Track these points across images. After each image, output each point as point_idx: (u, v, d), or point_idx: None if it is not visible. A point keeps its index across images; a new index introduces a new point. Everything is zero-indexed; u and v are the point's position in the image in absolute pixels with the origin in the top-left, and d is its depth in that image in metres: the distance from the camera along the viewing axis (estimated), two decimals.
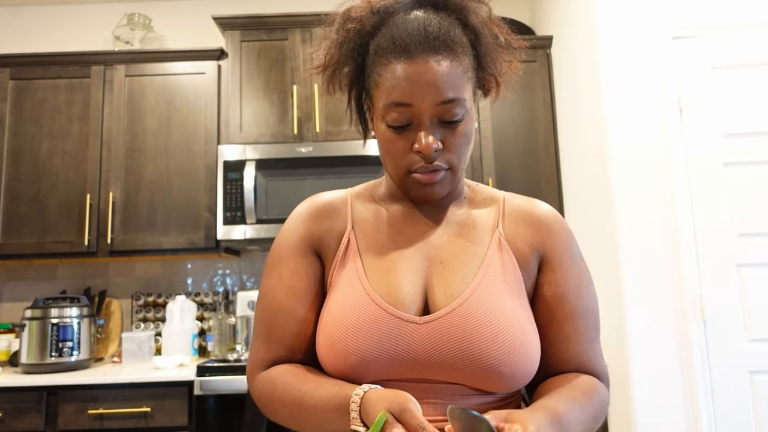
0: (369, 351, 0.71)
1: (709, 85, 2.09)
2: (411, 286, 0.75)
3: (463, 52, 0.74)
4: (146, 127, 2.60)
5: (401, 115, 0.73)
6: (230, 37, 2.65)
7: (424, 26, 0.72)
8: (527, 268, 0.79)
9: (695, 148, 2.06)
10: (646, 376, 1.96)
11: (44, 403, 2.13)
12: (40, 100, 2.61)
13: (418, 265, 0.77)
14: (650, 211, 2.03)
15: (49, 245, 2.51)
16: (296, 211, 0.85)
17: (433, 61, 0.71)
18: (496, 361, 0.70)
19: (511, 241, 0.80)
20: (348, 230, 0.81)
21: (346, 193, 0.86)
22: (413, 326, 0.72)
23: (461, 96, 0.73)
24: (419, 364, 0.71)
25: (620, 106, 2.09)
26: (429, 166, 0.74)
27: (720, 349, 1.96)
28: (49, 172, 2.56)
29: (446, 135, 0.74)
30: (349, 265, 0.78)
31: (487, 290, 0.74)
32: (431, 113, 0.72)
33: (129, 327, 2.80)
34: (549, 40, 2.68)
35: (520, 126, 2.62)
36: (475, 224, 0.81)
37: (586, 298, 0.80)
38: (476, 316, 0.71)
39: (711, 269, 2.00)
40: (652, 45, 2.11)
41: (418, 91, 0.71)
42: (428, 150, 0.72)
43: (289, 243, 0.82)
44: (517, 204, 0.84)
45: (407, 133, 0.74)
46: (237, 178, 2.46)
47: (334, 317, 0.74)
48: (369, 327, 0.72)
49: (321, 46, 0.81)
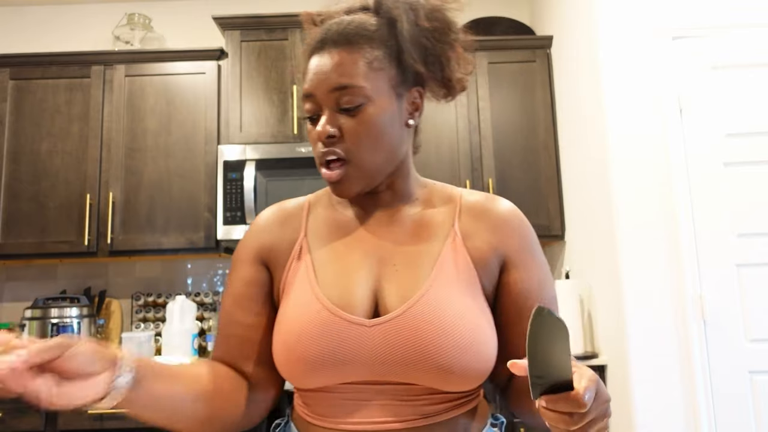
0: (318, 355, 0.71)
1: (709, 85, 2.09)
2: (362, 288, 0.76)
3: (372, 46, 0.76)
4: (146, 127, 2.60)
5: (310, 107, 0.77)
6: (230, 37, 2.65)
7: (336, 23, 0.78)
8: (486, 267, 0.79)
9: (695, 148, 2.06)
10: (646, 376, 1.96)
11: None
12: (40, 100, 2.61)
13: (369, 268, 0.78)
14: (650, 211, 2.03)
15: (49, 245, 2.51)
16: (254, 221, 0.88)
17: (335, 53, 0.76)
18: (447, 361, 0.69)
19: (469, 239, 0.79)
20: (300, 237, 0.82)
21: (305, 200, 0.88)
22: (362, 329, 0.72)
23: (356, 83, 0.74)
24: (369, 366, 0.71)
25: (620, 106, 2.09)
26: (325, 151, 0.76)
27: (720, 349, 1.96)
28: (49, 172, 2.56)
29: (346, 123, 0.75)
30: (300, 271, 0.79)
31: (439, 291, 0.73)
32: (328, 101, 0.75)
33: (129, 327, 2.80)
34: (549, 40, 2.68)
35: (520, 126, 2.62)
36: (430, 224, 0.81)
37: (548, 290, 0.82)
38: (426, 316, 0.71)
39: (711, 269, 2.00)
40: (652, 45, 2.11)
41: (316, 79, 0.76)
42: (318, 134, 0.75)
43: (241, 252, 0.85)
44: (475, 201, 0.83)
45: (317, 124, 0.77)
46: (237, 178, 2.46)
47: (286, 323, 0.75)
48: (318, 331, 0.72)
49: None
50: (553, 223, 2.55)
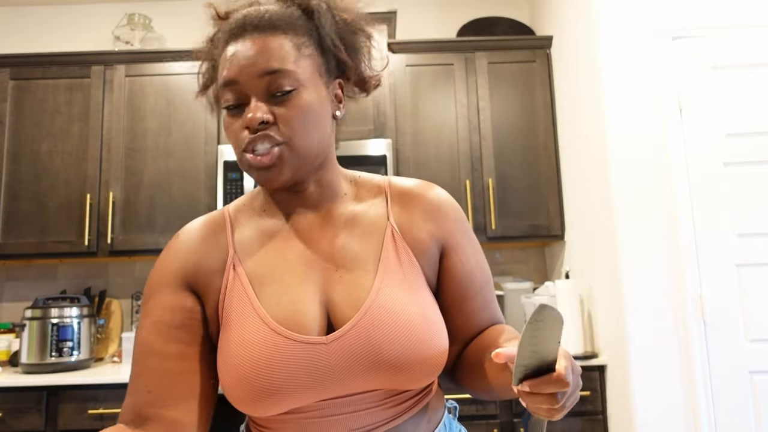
0: (281, 383, 0.67)
1: (709, 85, 2.09)
2: (310, 303, 0.72)
3: (296, 32, 0.73)
4: (146, 127, 2.60)
5: (232, 95, 0.71)
6: None
7: (254, 10, 0.74)
8: (427, 256, 0.78)
9: (695, 148, 2.06)
10: (646, 376, 1.96)
11: (44, 403, 2.13)
12: (40, 100, 2.61)
13: (313, 279, 0.74)
14: (650, 211, 2.03)
15: (49, 245, 2.51)
16: (169, 244, 0.79)
17: (256, 38, 0.71)
18: (408, 361, 0.69)
19: (406, 230, 0.78)
20: (230, 256, 0.75)
21: (223, 214, 0.80)
22: (320, 347, 0.69)
23: (286, 67, 0.70)
24: (334, 382, 0.69)
25: (620, 106, 2.09)
26: (256, 137, 0.69)
27: (720, 349, 1.96)
28: (49, 172, 2.56)
29: (278, 109, 0.71)
30: (238, 295, 0.73)
31: (388, 292, 0.72)
32: (256, 87, 0.70)
33: (129, 327, 2.80)
34: (549, 40, 2.68)
35: (520, 126, 2.62)
36: (364, 220, 0.78)
37: (485, 268, 0.84)
38: (382, 322, 0.70)
39: (711, 269, 2.00)
40: (652, 45, 2.11)
41: (241, 65, 0.70)
42: (251, 121, 0.69)
43: (159, 278, 0.75)
44: (404, 189, 0.81)
45: (241, 113, 0.72)
46: (237, 178, 2.46)
47: (235, 353, 0.69)
48: (275, 359, 0.68)
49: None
50: (553, 223, 2.55)
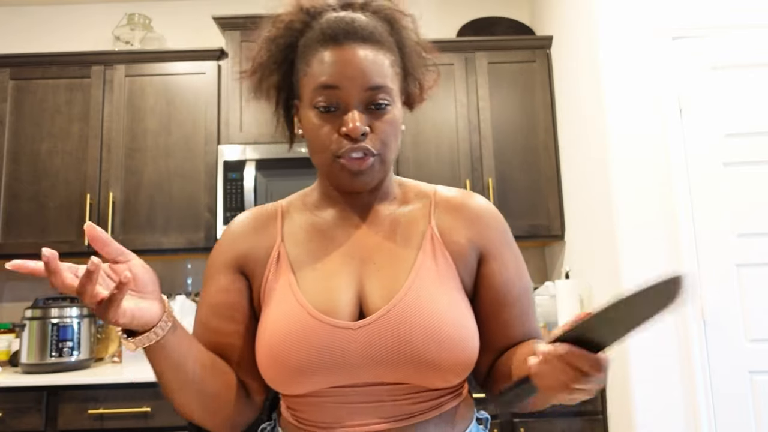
0: (307, 362, 0.71)
1: (709, 85, 2.09)
2: (345, 291, 0.76)
3: (390, 49, 0.77)
4: (146, 127, 2.60)
5: (329, 98, 0.74)
6: (230, 37, 2.65)
7: (352, 19, 0.75)
8: (464, 261, 0.80)
9: (695, 148, 2.06)
10: (645, 376, 1.95)
11: (44, 403, 2.13)
12: (40, 100, 2.61)
13: (351, 270, 0.78)
14: (650, 211, 2.03)
15: (49, 245, 2.50)
16: (226, 229, 0.86)
17: (361, 49, 0.73)
18: (433, 358, 0.70)
19: (446, 234, 0.81)
20: (277, 243, 0.81)
21: (278, 206, 0.87)
22: (348, 332, 0.72)
23: (388, 84, 0.74)
24: (358, 369, 0.71)
25: (620, 106, 2.09)
26: (356, 147, 0.73)
27: (720, 349, 1.96)
28: (49, 172, 2.56)
29: (373, 121, 0.75)
30: (281, 278, 0.78)
31: (420, 288, 0.74)
32: (358, 98, 0.73)
33: None
34: (549, 40, 2.68)
35: (519, 126, 2.62)
36: (406, 221, 0.82)
37: (524, 278, 0.84)
38: (410, 315, 0.72)
39: (711, 269, 2.00)
40: (652, 45, 2.11)
41: (345, 75, 0.73)
42: (355, 131, 0.72)
43: (216, 261, 0.84)
44: (449, 197, 0.85)
45: (334, 117, 0.74)
46: (237, 178, 2.46)
47: (270, 330, 0.75)
48: (305, 338, 0.72)
49: (252, 53, 0.83)
50: (553, 223, 2.55)
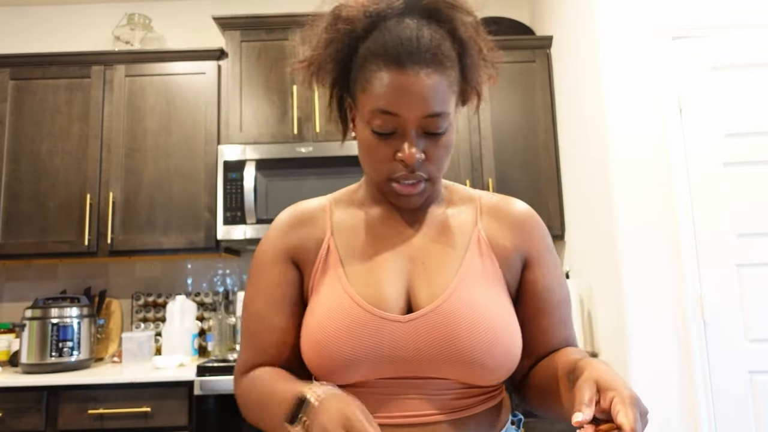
0: (355, 352, 0.72)
1: (709, 85, 2.08)
2: (393, 286, 0.77)
3: (451, 66, 0.75)
4: (146, 127, 2.60)
5: (386, 123, 0.73)
6: (230, 37, 2.65)
7: (416, 37, 0.72)
8: (509, 265, 0.82)
9: (695, 148, 2.06)
10: (646, 376, 1.95)
11: (44, 403, 2.13)
12: (40, 100, 2.61)
13: (399, 267, 0.79)
14: (650, 211, 2.03)
15: (49, 245, 2.51)
16: (276, 221, 0.87)
17: (423, 74, 0.71)
18: (480, 355, 0.72)
19: (492, 238, 0.82)
20: (327, 237, 0.83)
21: (325, 200, 0.88)
22: (397, 325, 0.74)
23: (447, 110, 0.74)
24: (404, 361, 0.73)
25: (620, 106, 2.09)
26: (410, 175, 0.75)
27: (720, 349, 1.96)
28: (49, 172, 2.56)
29: (429, 146, 0.75)
30: (330, 270, 0.80)
31: (467, 287, 0.76)
32: (417, 125, 0.73)
33: (129, 327, 2.80)
34: (549, 40, 2.68)
35: (519, 126, 2.62)
36: (454, 224, 0.84)
37: (564, 286, 0.86)
38: (458, 312, 0.73)
39: (711, 269, 2.00)
40: (652, 45, 2.10)
41: (405, 102, 0.72)
42: (411, 160, 0.73)
43: (267, 254, 0.84)
44: (494, 203, 0.86)
45: (391, 140, 0.75)
46: (237, 178, 2.46)
47: (319, 322, 0.76)
48: (353, 329, 0.73)
49: (307, 43, 0.81)
50: (553, 223, 2.55)
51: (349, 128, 0.85)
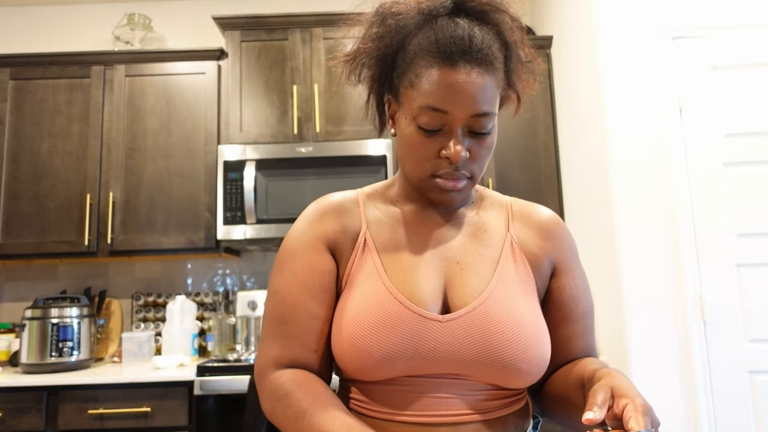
0: (393, 348, 0.72)
1: (709, 85, 2.09)
2: (431, 285, 0.77)
3: (499, 68, 0.76)
4: (146, 127, 2.60)
5: (434, 120, 0.74)
6: (230, 37, 2.66)
7: (469, 36, 0.73)
8: (540, 271, 0.83)
9: (695, 148, 2.06)
10: (646, 376, 1.96)
11: (44, 403, 2.14)
12: (40, 100, 2.61)
13: (436, 266, 0.79)
14: (650, 211, 2.04)
15: (49, 245, 2.51)
16: (307, 211, 0.85)
17: (474, 73, 0.72)
18: (515, 359, 0.73)
19: (523, 244, 0.83)
20: (363, 229, 0.82)
21: (356, 194, 0.87)
22: (436, 324, 0.74)
23: (494, 110, 0.75)
24: (440, 360, 0.73)
25: (620, 106, 2.09)
26: (455, 173, 0.76)
27: (720, 349, 1.97)
28: (49, 172, 2.56)
29: (473, 145, 0.76)
30: (367, 263, 0.79)
31: (503, 291, 0.77)
32: (464, 123, 0.74)
33: (129, 327, 2.81)
34: (549, 40, 2.68)
35: (519, 126, 2.62)
36: (487, 227, 0.84)
37: (589, 296, 0.87)
38: (495, 315, 0.74)
39: (711, 269, 2.00)
40: (652, 45, 2.11)
41: (456, 100, 0.72)
42: (457, 158, 0.74)
43: (302, 240, 0.81)
44: (523, 209, 0.88)
45: (436, 137, 0.75)
46: (237, 178, 2.47)
47: (356, 315, 0.75)
48: (393, 325, 0.73)
49: (353, 35, 0.82)
50: None
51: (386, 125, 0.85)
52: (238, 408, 2.14)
